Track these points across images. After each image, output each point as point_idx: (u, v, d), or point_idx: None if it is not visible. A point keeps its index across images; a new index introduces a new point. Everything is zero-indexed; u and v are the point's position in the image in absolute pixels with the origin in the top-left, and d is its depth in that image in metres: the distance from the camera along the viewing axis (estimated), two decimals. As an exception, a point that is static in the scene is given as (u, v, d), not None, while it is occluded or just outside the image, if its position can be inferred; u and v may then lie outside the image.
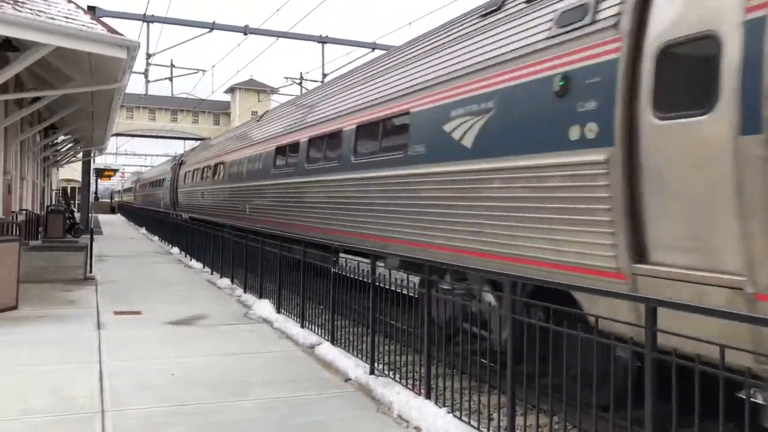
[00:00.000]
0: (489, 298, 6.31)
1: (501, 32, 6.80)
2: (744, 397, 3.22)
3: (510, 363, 4.54)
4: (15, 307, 9.53)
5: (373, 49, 24.34)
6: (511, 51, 6.42)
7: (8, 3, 8.40)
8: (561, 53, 5.69)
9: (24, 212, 18.50)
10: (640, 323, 3.69)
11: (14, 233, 10.22)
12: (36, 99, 13.70)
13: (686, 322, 3.70)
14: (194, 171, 24.97)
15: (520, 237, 6.03)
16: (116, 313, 9.60)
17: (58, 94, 12.70)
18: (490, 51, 6.82)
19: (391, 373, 6.24)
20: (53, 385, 5.87)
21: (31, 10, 8.55)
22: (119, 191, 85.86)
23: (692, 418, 3.50)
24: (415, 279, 5.96)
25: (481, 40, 7.14)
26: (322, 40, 24.84)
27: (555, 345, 4.83)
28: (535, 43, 6.09)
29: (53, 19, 8.59)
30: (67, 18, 8.95)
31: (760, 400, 4.13)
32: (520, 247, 6.04)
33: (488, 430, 4.79)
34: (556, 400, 5.13)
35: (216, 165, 21.08)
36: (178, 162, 30.44)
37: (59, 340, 7.71)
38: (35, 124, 18.85)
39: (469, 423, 4.92)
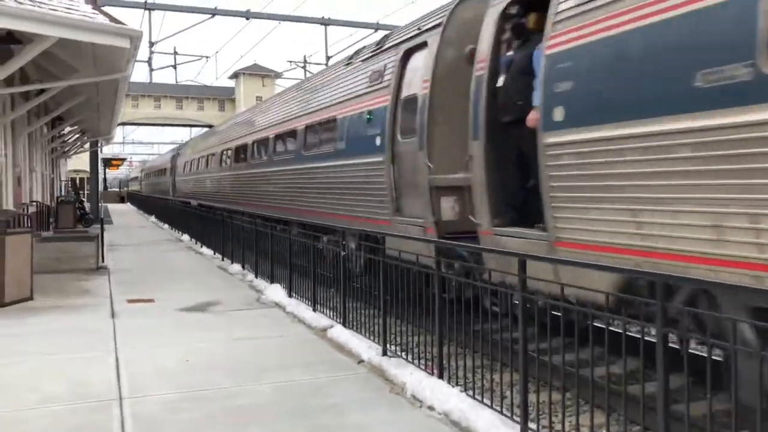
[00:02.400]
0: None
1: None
2: None
3: (522, 341, 4.55)
4: (30, 298, 9.62)
5: (377, 30, 24.16)
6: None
7: (9, -5, 8.38)
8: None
9: (35, 204, 18.62)
10: None
11: (26, 225, 10.28)
12: (41, 91, 13.71)
13: None
14: None
15: None
16: (130, 301, 9.69)
17: (63, 85, 12.68)
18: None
19: (403, 353, 6.27)
20: (70, 374, 5.95)
21: (32, 1, 8.53)
22: (137, 177, 67.99)
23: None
24: None
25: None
26: (325, 22, 24.73)
27: None
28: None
29: (54, 10, 8.56)
30: (68, 9, 8.92)
31: None
32: None
33: (501, 407, 4.83)
34: (569, 377, 5.14)
35: None
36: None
37: (74, 329, 7.80)
38: (42, 116, 18.88)
39: (482, 401, 4.95)
